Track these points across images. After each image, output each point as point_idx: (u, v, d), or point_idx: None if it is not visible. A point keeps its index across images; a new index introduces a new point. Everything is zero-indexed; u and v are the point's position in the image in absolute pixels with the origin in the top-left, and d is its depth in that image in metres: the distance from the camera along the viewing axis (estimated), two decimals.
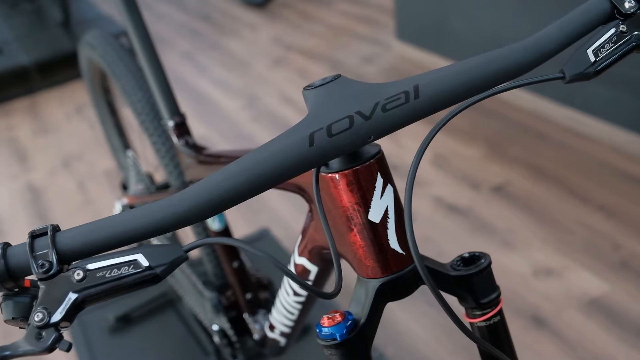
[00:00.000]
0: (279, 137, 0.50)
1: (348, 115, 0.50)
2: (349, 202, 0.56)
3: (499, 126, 2.56)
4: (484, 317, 0.61)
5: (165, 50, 4.06)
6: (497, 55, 0.53)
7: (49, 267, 0.46)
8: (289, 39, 3.87)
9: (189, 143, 1.08)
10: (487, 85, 0.53)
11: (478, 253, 0.62)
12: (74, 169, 2.80)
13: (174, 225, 0.48)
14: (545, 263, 1.83)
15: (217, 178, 0.49)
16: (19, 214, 2.52)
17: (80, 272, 0.47)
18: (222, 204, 0.48)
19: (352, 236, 0.57)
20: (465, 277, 0.60)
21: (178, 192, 0.49)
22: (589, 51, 0.55)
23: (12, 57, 3.75)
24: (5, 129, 3.32)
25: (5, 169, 2.92)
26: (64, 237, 0.47)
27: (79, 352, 1.72)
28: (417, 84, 0.52)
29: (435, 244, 1.98)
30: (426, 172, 2.34)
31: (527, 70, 0.55)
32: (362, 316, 0.58)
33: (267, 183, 0.49)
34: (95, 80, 1.59)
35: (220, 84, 3.43)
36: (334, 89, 0.53)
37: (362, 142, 0.51)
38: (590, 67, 0.55)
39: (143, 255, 0.47)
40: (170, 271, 0.48)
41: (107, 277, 0.47)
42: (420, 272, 0.52)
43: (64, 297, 0.46)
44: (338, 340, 0.56)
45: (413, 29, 3.21)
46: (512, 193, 2.15)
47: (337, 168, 0.55)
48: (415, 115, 0.52)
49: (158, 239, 1.39)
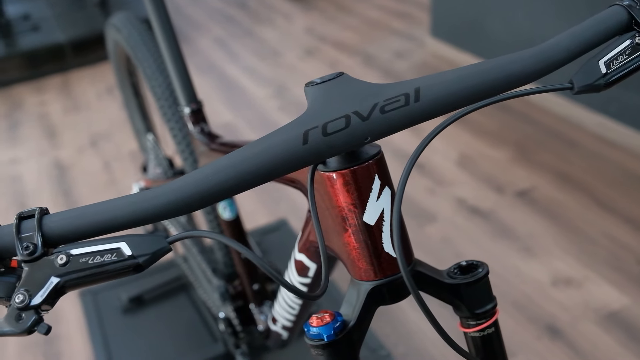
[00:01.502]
0: (273, 133, 0.49)
1: (345, 114, 0.49)
2: (345, 203, 0.55)
3: (529, 130, 2.51)
4: (478, 327, 0.59)
5: (198, 35, 4.07)
6: (503, 62, 0.52)
7: (33, 250, 0.46)
8: (323, 30, 3.85)
9: (204, 130, 1.08)
10: (490, 92, 0.51)
11: (476, 262, 0.60)
12: (101, 149, 2.83)
13: (159, 216, 0.47)
14: (565, 272, 1.79)
15: (206, 171, 0.48)
16: (44, 189, 2.56)
17: (63, 256, 0.47)
18: (208, 198, 0.48)
19: (346, 237, 0.56)
20: (461, 285, 0.58)
21: (166, 183, 0.48)
22: (600, 62, 0.53)
23: (49, 34, 3.80)
24: (37, 105, 3.37)
25: (35, 143, 2.96)
26: (51, 220, 0.47)
27: (91, 329, 1.74)
28: (418, 87, 0.50)
29: (454, 245, 1.95)
30: (450, 172, 2.31)
31: (534, 79, 0.53)
32: (352, 318, 0.56)
33: (258, 179, 0.48)
34: (121, 63, 1.60)
35: (250, 71, 3.43)
36: (334, 87, 0.51)
37: (358, 143, 0.50)
38: (600, 78, 0.52)
39: (127, 244, 0.47)
40: (153, 262, 0.47)
41: (90, 264, 0.47)
42: (405, 279, 0.50)
43: (46, 280, 0.46)
44: (325, 341, 0.55)
45: (448, 26, 3.17)
46: (537, 199, 2.10)
47: (335, 167, 0.54)
48: (415, 119, 0.50)
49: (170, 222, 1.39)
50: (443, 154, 2.43)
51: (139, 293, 1.80)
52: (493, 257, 1.88)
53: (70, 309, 1.88)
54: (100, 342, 1.68)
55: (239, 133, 2.81)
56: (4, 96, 3.53)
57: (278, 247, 1.85)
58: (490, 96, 0.51)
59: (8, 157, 2.86)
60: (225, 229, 1.19)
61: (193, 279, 1.47)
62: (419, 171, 2.34)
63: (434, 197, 2.19)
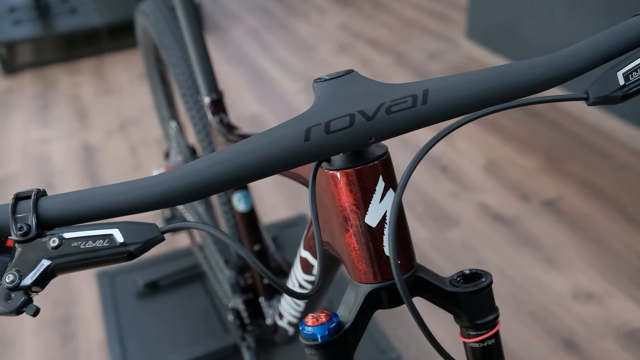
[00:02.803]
0: (276, 127, 0.48)
1: (349, 113, 0.48)
2: (347, 203, 0.53)
3: (559, 138, 2.46)
4: (478, 338, 0.57)
5: (233, 25, 4.08)
6: (516, 68, 0.50)
7: (27, 231, 0.46)
8: (358, 26, 3.83)
9: (222, 121, 1.07)
10: (501, 98, 0.49)
11: (480, 271, 0.58)
12: (129, 133, 2.85)
13: (154, 205, 0.47)
14: (587, 286, 1.75)
15: (205, 162, 0.47)
16: (70, 170, 2.59)
17: (56, 239, 0.46)
18: (206, 189, 0.47)
19: (347, 237, 0.55)
20: (462, 294, 0.56)
21: (165, 172, 0.47)
22: (619, 73, 0.50)
23: (86, 18, 3.84)
24: (71, 86, 3.42)
25: (66, 124, 3.00)
26: (47, 203, 0.47)
27: (106, 311, 1.75)
28: (427, 89, 0.49)
29: (474, 251, 1.92)
30: (476, 177, 2.27)
31: (548, 87, 0.51)
32: (348, 320, 0.55)
33: (257, 173, 0.48)
34: (149, 49, 1.60)
35: (281, 64, 3.42)
36: (342, 84, 0.50)
37: (361, 142, 0.49)
38: (617, 90, 0.50)
39: (119, 231, 0.46)
40: (144, 250, 0.47)
41: (81, 249, 0.46)
42: (397, 284, 0.49)
43: (38, 262, 0.46)
44: (319, 341, 0.54)
45: (484, 29, 3.12)
46: (563, 209, 2.06)
47: (339, 166, 0.53)
48: (421, 122, 0.49)
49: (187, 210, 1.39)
50: (470, 159, 2.39)
51: (155, 279, 1.81)
52: (514, 265, 1.84)
53: (87, 291, 1.90)
54: (113, 325, 1.70)
55: (266, 125, 2.81)
56: (39, 76, 3.58)
57: (295, 242, 1.85)
58: (501, 102, 0.49)
59: (38, 137, 2.90)
60: (239, 221, 1.18)
61: (207, 268, 1.47)
62: (444, 174, 2.31)
63: (457, 201, 2.16)
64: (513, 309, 1.69)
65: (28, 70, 3.67)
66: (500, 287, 1.77)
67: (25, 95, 3.36)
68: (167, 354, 1.57)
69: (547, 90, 0.52)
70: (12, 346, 1.74)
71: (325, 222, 0.58)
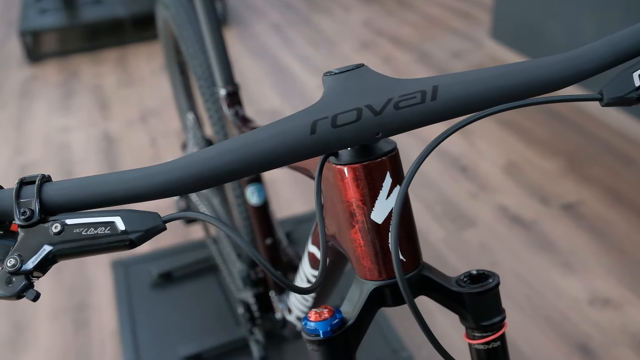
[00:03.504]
0: (282, 120, 0.48)
1: (357, 107, 0.47)
2: (354, 198, 0.53)
3: (583, 142, 2.42)
4: (483, 340, 0.56)
5: (255, 19, 4.08)
6: (529, 66, 0.49)
7: (30, 216, 0.46)
8: (381, 23, 3.81)
9: (238, 114, 1.07)
10: (512, 96, 0.48)
11: (487, 272, 0.56)
12: (150, 124, 2.86)
13: (157, 194, 0.47)
14: (605, 292, 1.72)
15: (209, 153, 0.47)
16: (90, 160, 2.61)
17: (58, 225, 0.46)
18: (208, 180, 0.47)
19: (352, 233, 0.54)
20: (468, 295, 0.55)
21: (168, 162, 0.47)
22: (635, 74, 0.49)
23: (110, 8, 3.87)
24: (93, 76, 3.44)
25: (87, 114, 3.02)
26: (51, 188, 0.47)
27: (119, 300, 1.76)
28: (436, 85, 0.48)
29: (490, 252, 1.89)
30: (496, 178, 2.24)
31: (561, 87, 0.49)
32: (352, 317, 0.54)
33: (261, 165, 0.47)
34: (169, 40, 1.61)
35: (303, 60, 3.41)
36: (351, 78, 0.50)
37: (368, 137, 0.48)
38: (632, 92, 0.49)
39: (121, 219, 0.46)
40: (145, 239, 0.46)
41: (83, 235, 0.46)
42: (399, 283, 0.48)
43: (39, 247, 0.46)
44: (321, 337, 0.53)
45: (509, 29, 3.08)
46: (583, 214, 2.03)
47: (346, 160, 0.52)
48: (430, 118, 0.48)
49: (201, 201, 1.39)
50: (490, 159, 2.36)
51: (169, 269, 1.82)
52: (530, 269, 1.82)
53: (102, 280, 1.91)
54: (126, 314, 1.70)
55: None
56: (63, 65, 3.62)
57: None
58: (512, 100, 0.48)
59: (60, 125, 2.93)
60: (252, 214, 1.18)
61: (220, 261, 1.47)
62: (463, 174, 2.29)
63: (476, 202, 2.13)
64: (528, 313, 1.67)
65: (52, 59, 3.71)
66: (516, 290, 1.75)
67: (48, 83, 3.40)
68: (177, 344, 1.58)
69: (563, 90, 0.51)
70: (27, 330, 1.76)
71: (333, 218, 0.58)
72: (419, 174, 2.31)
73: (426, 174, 2.32)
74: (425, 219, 2.08)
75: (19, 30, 3.58)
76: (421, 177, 2.30)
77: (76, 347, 1.68)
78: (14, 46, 3.91)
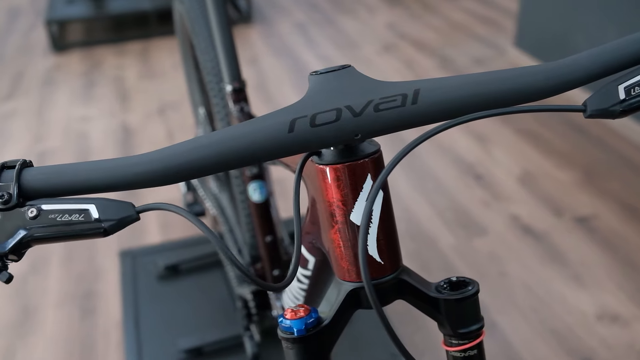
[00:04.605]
0: (261, 117, 0.48)
1: (336, 107, 0.48)
2: (334, 198, 0.53)
3: (601, 155, 2.39)
4: (460, 347, 0.55)
5: (280, 17, 4.09)
6: (513, 74, 0.48)
7: (8, 199, 0.47)
8: (405, 27, 3.79)
9: (243, 110, 1.07)
10: (494, 103, 0.48)
11: (468, 279, 0.56)
12: (168, 118, 2.88)
13: (131, 184, 0.47)
14: (614, 308, 1.69)
15: (185, 147, 0.47)
16: (107, 149, 2.63)
17: (34, 210, 0.47)
18: (182, 173, 0.47)
19: (332, 233, 0.54)
20: (446, 301, 0.55)
21: (145, 153, 0.48)
22: (620, 87, 0.48)
23: (136, 1, 3.90)
24: (116, 68, 3.48)
25: (107, 105, 3.05)
26: (30, 174, 0.47)
27: (124, 290, 1.78)
28: (418, 89, 0.48)
29: (499, 262, 1.87)
30: (510, 188, 2.22)
31: (544, 96, 0.49)
32: (328, 317, 0.54)
33: (237, 160, 0.47)
34: (184, 35, 1.61)
35: (325, 60, 3.41)
36: (335, 79, 0.50)
37: (347, 138, 0.48)
38: (617, 104, 0.48)
39: (95, 207, 0.47)
40: (118, 228, 0.47)
41: (57, 221, 0.47)
42: (366, 287, 0.47)
43: (15, 231, 0.47)
44: (295, 335, 0.53)
45: (533, 38, 3.05)
46: (597, 228, 2.00)
47: (328, 160, 0.52)
48: (409, 122, 0.48)
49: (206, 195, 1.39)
50: (505, 168, 2.34)
51: (175, 262, 1.82)
52: (539, 280, 1.80)
53: (111, 269, 1.93)
54: (130, 304, 1.72)
55: None
56: (87, 56, 3.66)
57: None
58: (494, 107, 0.48)
59: (80, 114, 2.96)
60: (253, 211, 1.18)
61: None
62: (477, 182, 2.27)
63: (488, 210, 2.11)
64: (534, 324, 1.65)
65: (76, 49, 3.75)
66: (523, 301, 1.73)
67: (71, 73, 3.44)
68: (179, 337, 1.58)
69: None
70: (35, 315, 1.78)
71: (317, 217, 0.57)
72: (432, 179, 2.30)
73: (439, 179, 2.30)
74: (436, 225, 2.06)
75: (46, 19, 3.63)
76: (434, 182, 2.29)
77: (81, 335, 1.70)
78: (40, 35, 3.96)
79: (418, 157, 2.45)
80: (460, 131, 2.60)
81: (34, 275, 1.94)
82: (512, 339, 1.61)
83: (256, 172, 1.14)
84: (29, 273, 1.95)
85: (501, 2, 4.06)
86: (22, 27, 4.16)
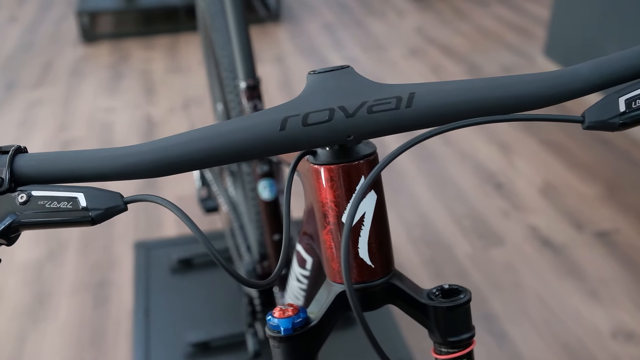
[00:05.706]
0: (255, 114, 0.48)
1: (329, 107, 0.47)
2: (327, 199, 0.52)
3: (626, 169, 2.34)
4: (450, 356, 0.54)
5: (308, 17, 4.09)
6: (510, 81, 0.47)
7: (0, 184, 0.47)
8: (433, 31, 3.77)
9: (256, 108, 1.07)
10: (490, 110, 0.47)
11: (460, 287, 0.55)
12: (191, 112, 2.90)
13: (120, 175, 0.47)
14: (630, 326, 1.66)
15: (176, 140, 0.47)
16: (130, 141, 2.65)
17: (24, 195, 0.47)
18: (172, 166, 0.47)
19: (324, 234, 0.54)
20: (436, 309, 0.54)
21: (137, 144, 0.48)
22: (621, 99, 0.47)
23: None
24: (144, 61, 3.51)
25: (133, 97, 3.08)
26: (22, 159, 0.48)
27: (137, 281, 1.79)
28: (413, 92, 0.47)
29: (515, 273, 1.85)
30: (530, 199, 2.19)
31: (541, 105, 0.48)
32: (316, 318, 0.54)
33: (228, 156, 0.47)
34: (205, 30, 1.62)
35: (351, 61, 3.40)
36: (332, 79, 0.49)
37: (339, 138, 0.48)
38: (616, 117, 0.47)
39: (84, 196, 0.47)
40: (105, 218, 0.47)
41: (46, 208, 0.47)
42: (347, 292, 0.47)
43: (5, 216, 0.47)
44: (281, 334, 0.53)
45: (563, 47, 3.00)
46: (617, 243, 1.96)
47: (323, 161, 0.52)
48: (403, 125, 0.48)
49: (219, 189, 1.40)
50: (527, 179, 2.31)
51: (189, 256, 1.83)
52: (554, 293, 1.77)
53: (126, 260, 1.94)
54: (142, 295, 1.73)
55: None
56: (116, 48, 3.70)
57: None
58: (489, 114, 0.47)
59: (105, 105, 3.00)
60: (263, 209, 1.18)
61: (234, 252, 1.47)
62: (497, 191, 2.24)
63: (507, 220, 2.09)
64: (545, 338, 1.62)
65: (106, 41, 3.79)
66: (536, 313, 1.70)
67: (99, 64, 3.48)
68: (187, 330, 1.59)
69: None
70: (49, 301, 1.80)
71: (312, 218, 0.57)
72: (452, 185, 2.27)
73: (459, 187, 2.28)
74: (453, 232, 2.04)
75: (77, 10, 3.68)
76: (453, 189, 2.26)
77: (93, 322, 1.72)
78: (70, 25, 4.02)
79: (438, 163, 2.43)
80: (483, 139, 2.57)
81: (51, 262, 1.96)
82: (522, 350, 1.59)
83: (267, 170, 1.14)
84: (46, 260, 1.97)
85: (533, 9, 4.01)
86: (54, 17, 4.22)
